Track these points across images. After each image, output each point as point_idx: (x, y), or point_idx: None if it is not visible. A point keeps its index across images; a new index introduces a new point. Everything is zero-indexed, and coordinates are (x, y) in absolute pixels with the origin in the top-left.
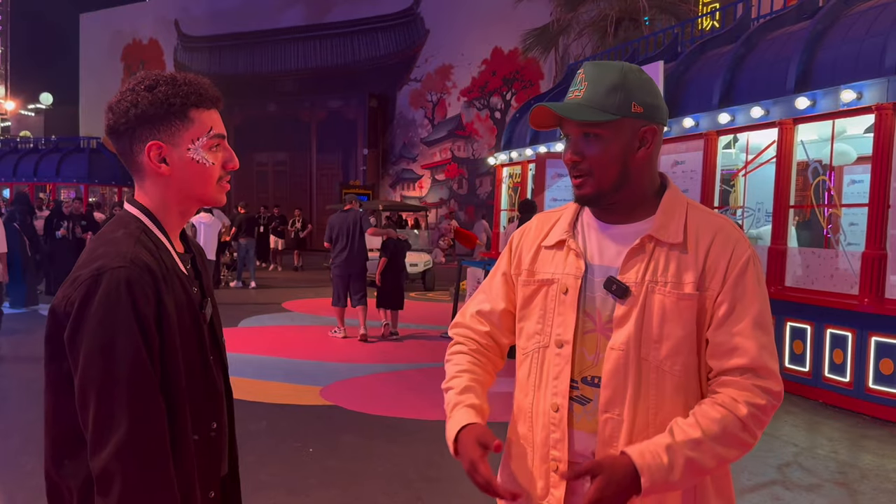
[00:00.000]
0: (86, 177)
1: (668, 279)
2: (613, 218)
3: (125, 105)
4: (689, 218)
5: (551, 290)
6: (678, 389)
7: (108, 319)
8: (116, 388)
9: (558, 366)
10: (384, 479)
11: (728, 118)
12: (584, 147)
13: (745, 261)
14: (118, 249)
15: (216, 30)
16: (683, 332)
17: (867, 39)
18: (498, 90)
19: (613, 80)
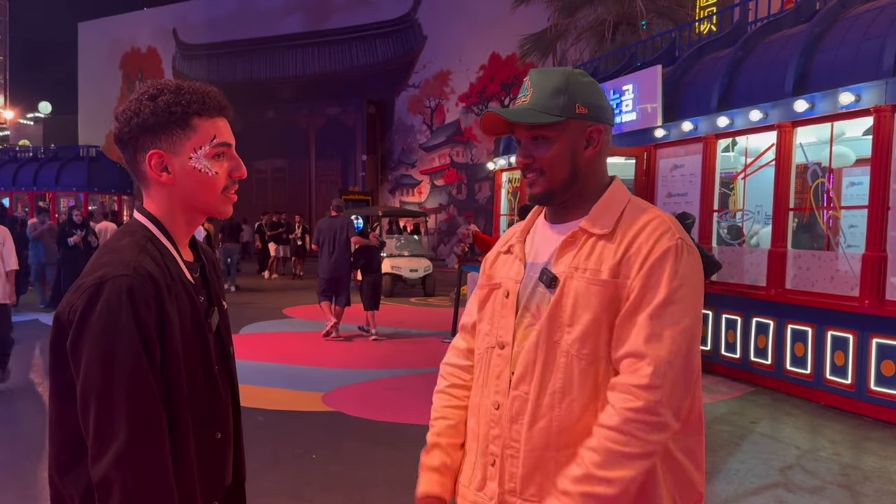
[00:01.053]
0: (85, 185)
1: (588, 266)
2: (560, 217)
3: (128, 114)
4: (626, 211)
5: (498, 293)
6: (586, 374)
7: (109, 327)
8: (116, 396)
9: (499, 366)
10: (387, 485)
11: (727, 121)
12: (534, 149)
13: (664, 250)
14: (122, 258)
15: (214, 38)
16: (591, 317)
17: (865, 42)
18: (496, 95)
19: (557, 83)
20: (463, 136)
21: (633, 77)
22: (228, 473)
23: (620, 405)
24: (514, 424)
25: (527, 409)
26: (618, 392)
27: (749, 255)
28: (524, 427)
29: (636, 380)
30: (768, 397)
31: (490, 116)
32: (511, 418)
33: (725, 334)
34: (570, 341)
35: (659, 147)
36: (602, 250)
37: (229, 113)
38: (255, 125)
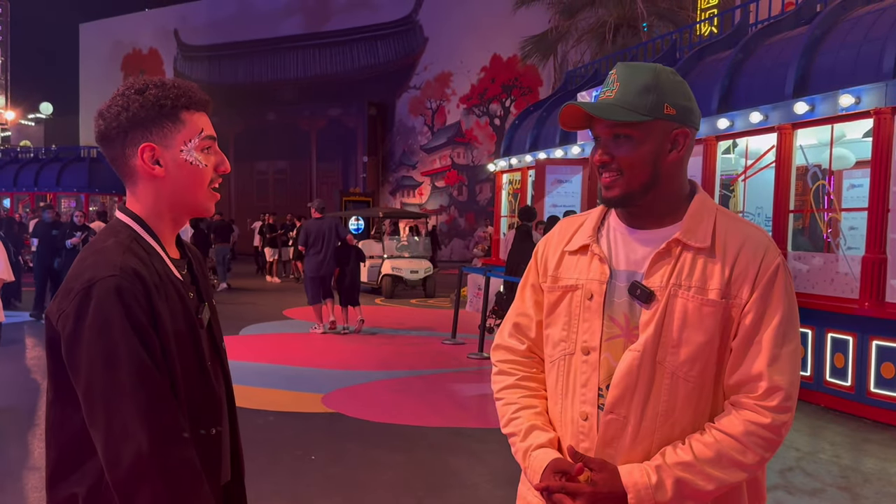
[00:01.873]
0: (86, 186)
1: (692, 284)
2: (640, 222)
3: (116, 109)
4: (718, 223)
5: (576, 296)
6: (690, 396)
7: (104, 329)
8: (123, 397)
9: (585, 373)
10: (387, 486)
11: (727, 123)
12: (614, 148)
13: (773, 269)
14: (108, 259)
15: (215, 39)
16: (704, 339)
17: (865, 44)
18: (497, 97)
19: (646, 80)
20: (464, 137)
21: None
22: (226, 470)
23: (747, 418)
24: (608, 448)
25: (626, 432)
26: (746, 409)
27: None
28: (620, 451)
29: (767, 402)
30: None
31: (571, 109)
32: (605, 441)
33: None
34: (678, 363)
35: None
36: (705, 267)
37: (211, 108)
38: (256, 127)
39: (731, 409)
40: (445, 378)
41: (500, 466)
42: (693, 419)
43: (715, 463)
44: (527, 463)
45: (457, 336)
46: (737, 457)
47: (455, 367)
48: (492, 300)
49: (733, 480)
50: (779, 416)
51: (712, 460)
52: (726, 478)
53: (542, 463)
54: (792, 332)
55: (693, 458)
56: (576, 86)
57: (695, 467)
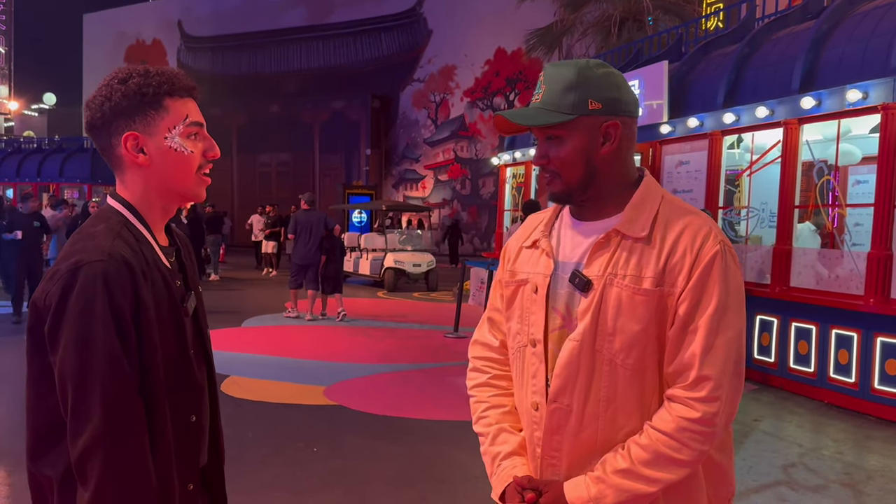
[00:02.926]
0: (89, 177)
1: (627, 272)
2: (586, 214)
3: (100, 100)
4: (661, 211)
5: (526, 289)
6: (631, 384)
7: (85, 313)
8: (91, 379)
9: (534, 364)
10: (389, 479)
11: (733, 118)
12: (548, 149)
13: (711, 257)
14: (97, 244)
15: (219, 30)
16: (638, 327)
17: (873, 39)
18: (501, 90)
19: (569, 79)
20: (467, 130)
21: (639, 73)
22: (204, 455)
23: (677, 413)
24: (555, 435)
25: (569, 420)
26: (676, 402)
27: (753, 252)
28: (566, 438)
29: (695, 393)
30: (772, 395)
31: (499, 120)
32: (551, 430)
33: None
34: (615, 351)
35: (664, 143)
36: (641, 255)
37: (198, 94)
38: (259, 119)
39: (666, 404)
40: (447, 371)
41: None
42: (639, 405)
43: (653, 464)
44: (492, 470)
45: (459, 329)
46: (673, 455)
47: (457, 361)
48: None
49: (674, 478)
50: (707, 406)
51: (650, 461)
52: (666, 476)
53: (507, 478)
54: (729, 320)
55: (631, 463)
56: None
57: (633, 472)
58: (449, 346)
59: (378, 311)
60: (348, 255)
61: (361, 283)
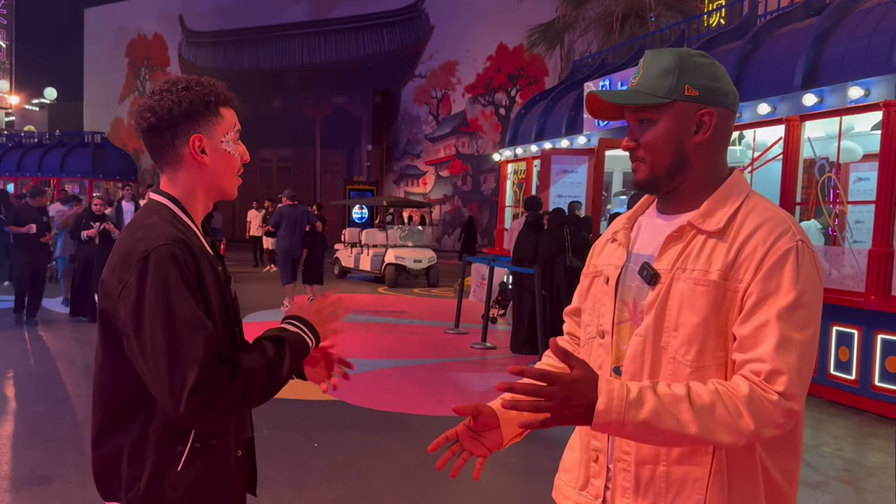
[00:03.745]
0: (90, 172)
1: (696, 266)
2: (669, 207)
3: (168, 104)
4: (742, 208)
5: (598, 280)
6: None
7: (163, 292)
8: (182, 346)
9: (600, 356)
10: (390, 474)
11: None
12: (639, 133)
13: (784, 251)
14: (157, 231)
15: (221, 25)
16: (697, 320)
17: (875, 36)
18: (503, 86)
19: (667, 63)
20: (469, 126)
21: None
22: (249, 428)
23: (755, 385)
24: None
25: None
26: (753, 383)
27: None
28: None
29: (773, 385)
30: None
31: (593, 99)
32: None
33: None
34: (677, 346)
35: None
36: (713, 250)
37: (237, 104)
38: (260, 114)
39: (740, 378)
40: (448, 367)
41: (502, 456)
42: None
43: (705, 410)
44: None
45: (460, 326)
46: (731, 416)
47: (458, 357)
48: (495, 290)
49: (716, 439)
50: (785, 402)
51: (704, 407)
52: (709, 431)
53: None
54: (805, 319)
55: (685, 394)
56: (582, 75)
57: (682, 405)
58: (450, 342)
59: (379, 307)
60: (349, 251)
61: (362, 279)
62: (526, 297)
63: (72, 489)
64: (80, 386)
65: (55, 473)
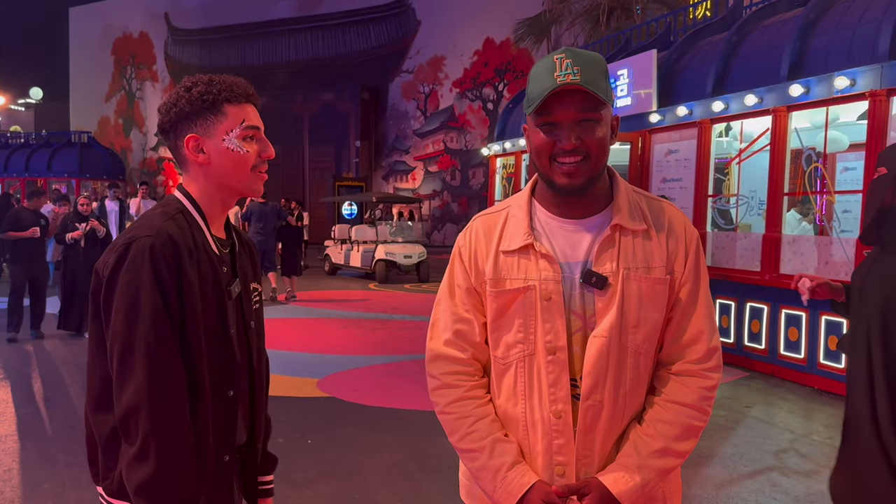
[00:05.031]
0: (77, 171)
1: (638, 265)
2: (575, 212)
3: (168, 105)
4: (642, 203)
5: (528, 297)
6: (646, 370)
7: (132, 281)
8: (136, 341)
9: (553, 373)
10: (383, 470)
11: (722, 106)
12: (581, 132)
13: (696, 241)
14: (150, 223)
15: (206, 22)
16: (658, 315)
17: (860, 26)
18: (490, 81)
19: (602, 67)
20: (457, 122)
21: (627, 62)
22: (241, 432)
23: (698, 385)
24: (589, 434)
25: (601, 416)
26: (689, 376)
27: (743, 239)
28: (599, 435)
29: (707, 363)
30: (762, 382)
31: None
32: (586, 429)
33: (719, 319)
34: (639, 341)
35: (653, 132)
36: (644, 248)
37: (257, 100)
38: None
39: (678, 379)
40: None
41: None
42: (645, 387)
43: (683, 437)
44: (496, 484)
45: None
46: (696, 424)
47: None
48: None
49: (693, 447)
50: (718, 374)
51: (681, 436)
52: (692, 445)
53: (521, 486)
54: (710, 296)
55: (664, 442)
56: None
57: (669, 450)
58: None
59: (370, 303)
60: (339, 248)
61: (353, 275)
62: None
63: (65, 490)
64: (74, 386)
65: (48, 475)
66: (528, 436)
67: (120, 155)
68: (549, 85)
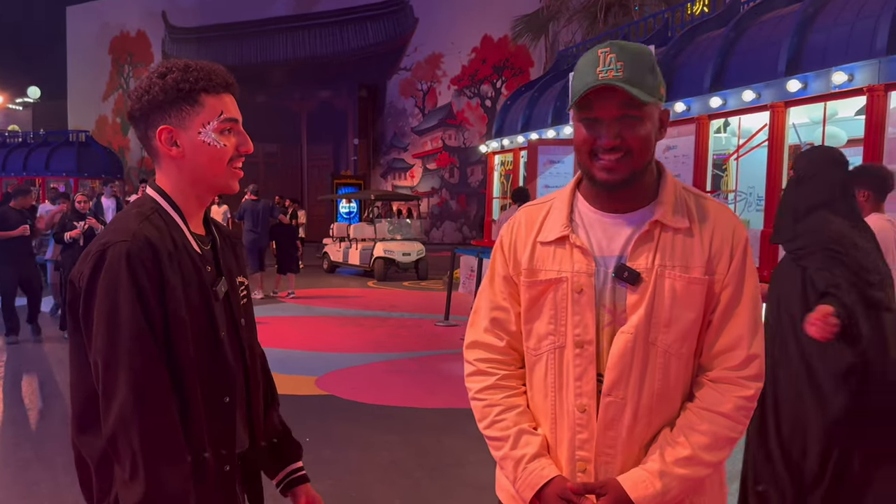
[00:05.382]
0: (75, 170)
1: (676, 263)
2: (617, 206)
3: (140, 92)
4: (689, 203)
5: (560, 289)
6: (681, 372)
7: (110, 291)
8: (119, 355)
9: (580, 366)
10: (382, 468)
11: (719, 102)
12: (623, 129)
13: (744, 244)
14: (125, 226)
15: (204, 21)
16: (693, 315)
17: (858, 21)
18: (488, 78)
19: (648, 61)
20: (455, 119)
21: None
22: (241, 438)
23: (734, 393)
24: (609, 431)
25: (624, 414)
26: (725, 383)
27: None
28: (622, 432)
29: (746, 371)
30: None
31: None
32: (606, 424)
33: None
34: (670, 341)
35: None
36: (684, 245)
37: (235, 90)
38: (245, 109)
39: (714, 386)
40: (439, 359)
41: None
42: (682, 393)
43: (713, 447)
44: (517, 474)
45: (450, 318)
46: (730, 434)
47: (448, 349)
48: None
49: (726, 457)
50: (758, 383)
51: (710, 445)
52: (722, 457)
53: (539, 479)
54: (760, 301)
55: (692, 451)
56: (567, 66)
57: (695, 459)
58: (440, 335)
59: (368, 301)
60: (338, 246)
61: (351, 273)
62: None
63: (60, 491)
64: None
65: (45, 475)
66: (556, 429)
67: (118, 154)
68: (589, 81)
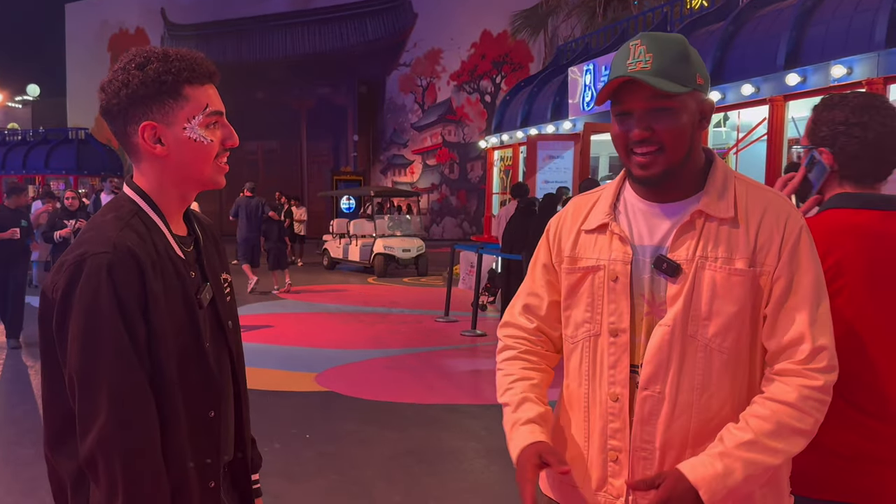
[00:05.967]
0: (75, 168)
1: (718, 255)
2: (661, 196)
3: (116, 85)
4: (738, 191)
5: (598, 277)
6: (726, 368)
7: (89, 307)
8: (98, 375)
9: (614, 355)
10: (382, 463)
11: (718, 96)
12: (653, 121)
13: (797, 233)
14: (103, 234)
15: (203, 17)
16: (735, 309)
17: (856, 14)
18: (487, 73)
19: (680, 50)
20: (455, 115)
21: None
22: (227, 451)
23: (799, 383)
24: (646, 426)
25: (662, 409)
26: (791, 375)
27: None
28: (660, 428)
29: (814, 364)
30: None
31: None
32: (642, 419)
33: None
34: (710, 335)
35: None
36: (729, 237)
37: (218, 79)
38: (245, 106)
39: (778, 378)
40: (439, 355)
41: (495, 442)
42: (731, 391)
43: (776, 435)
44: (511, 435)
45: (450, 314)
46: (796, 424)
47: (448, 345)
48: (484, 277)
49: (796, 449)
50: (829, 375)
51: (773, 433)
52: (789, 448)
53: (524, 440)
54: (823, 293)
55: (754, 435)
56: (566, 60)
57: (758, 444)
58: (440, 331)
59: (368, 297)
60: (338, 242)
61: (351, 269)
62: (514, 283)
63: None
64: None
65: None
66: (589, 417)
67: (118, 151)
68: (618, 73)
